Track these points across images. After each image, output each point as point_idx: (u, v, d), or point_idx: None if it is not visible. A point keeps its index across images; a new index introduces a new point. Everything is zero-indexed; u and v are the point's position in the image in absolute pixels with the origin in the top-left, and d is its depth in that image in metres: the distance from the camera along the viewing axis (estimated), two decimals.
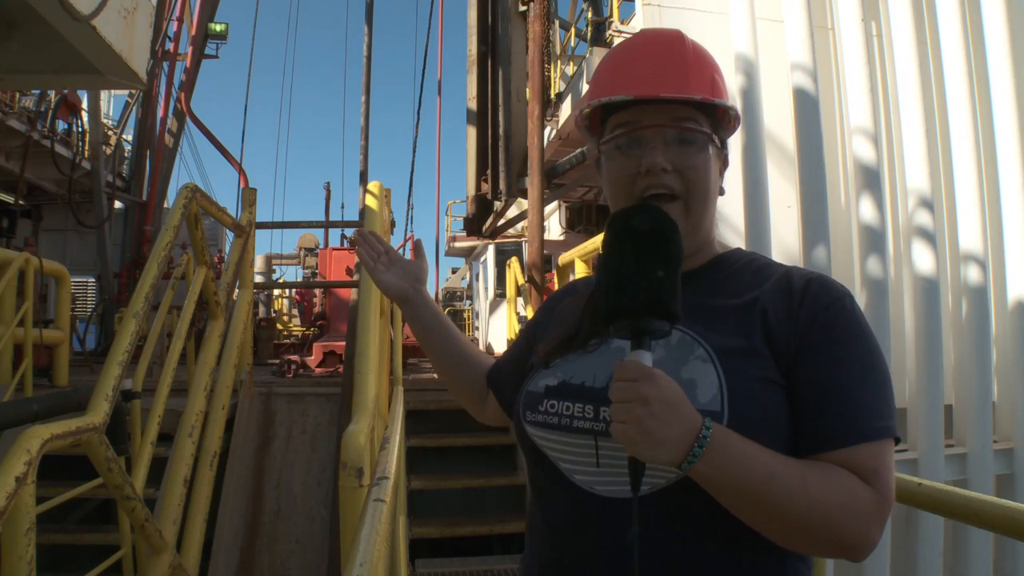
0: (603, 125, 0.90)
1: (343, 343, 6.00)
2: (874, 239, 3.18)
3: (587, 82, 7.06)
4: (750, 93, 3.15)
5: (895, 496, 0.75)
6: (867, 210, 3.18)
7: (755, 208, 3.08)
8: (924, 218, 3.23)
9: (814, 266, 3.07)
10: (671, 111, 0.83)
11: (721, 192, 0.90)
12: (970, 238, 3.35)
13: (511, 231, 9.31)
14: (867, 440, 0.73)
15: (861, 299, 3.21)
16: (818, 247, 3.09)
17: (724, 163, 0.91)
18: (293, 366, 5.68)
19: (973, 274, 3.33)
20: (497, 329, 10.78)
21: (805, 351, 0.77)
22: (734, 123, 0.89)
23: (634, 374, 0.69)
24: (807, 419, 0.76)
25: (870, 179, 3.19)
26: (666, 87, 0.82)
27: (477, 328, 15.21)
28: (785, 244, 3.30)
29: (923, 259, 3.22)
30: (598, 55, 6.88)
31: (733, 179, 3.14)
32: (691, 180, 0.83)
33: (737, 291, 0.84)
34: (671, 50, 0.86)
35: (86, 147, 10.32)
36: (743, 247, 3.15)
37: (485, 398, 1.14)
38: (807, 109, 3.17)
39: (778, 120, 3.34)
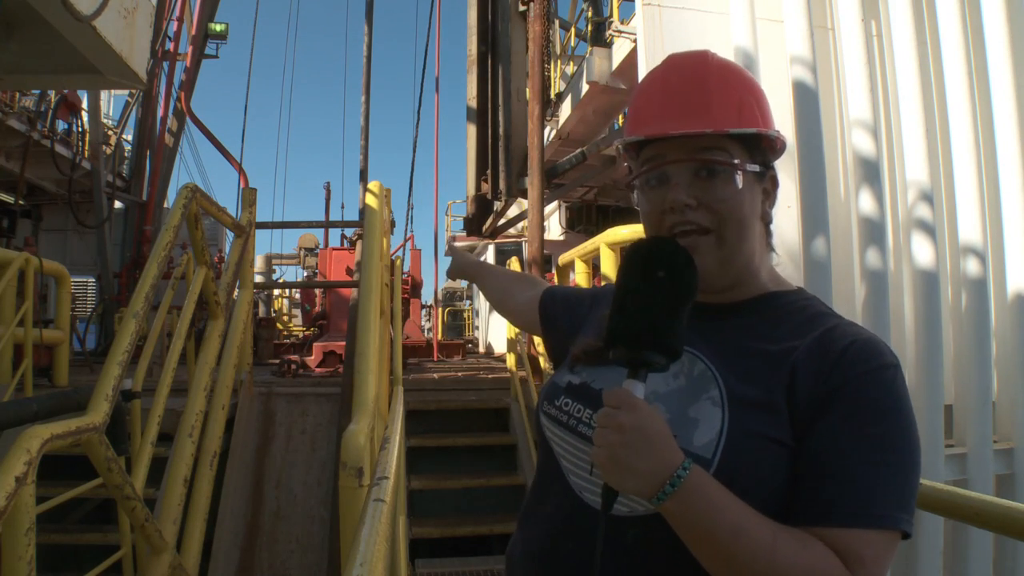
0: (639, 155, 0.88)
1: (343, 343, 6.00)
2: (874, 232, 3.18)
3: (587, 82, 7.06)
4: None
5: None
6: (867, 203, 3.18)
7: None
8: (924, 211, 3.24)
9: (813, 258, 3.07)
10: (695, 143, 0.80)
11: (768, 219, 0.86)
12: (970, 231, 3.35)
13: (511, 231, 9.32)
14: (863, 526, 0.67)
15: (861, 292, 3.21)
16: (818, 240, 3.09)
17: (772, 184, 0.86)
18: (293, 366, 5.68)
19: (973, 267, 3.33)
20: (497, 329, 10.78)
21: (826, 414, 0.72)
22: (777, 143, 0.85)
23: (618, 402, 0.69)
24: (807, 487, 0.71)
25: (870, 173, 3.20)
26: (682, 122, 0.80)
27: (477, 328, 15.20)
28: (785, 238, 3.30)
29: (923, 252, 3.22)
30: (598, 55, 6.88)
31: None
32: (719, 212, 0.80)
33: (777, 337, 0.80)
34: (692, 78, 0.83)
35: (86, 147, 10.32)
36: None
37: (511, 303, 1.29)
38: (807, 103, 3.17)
39: (778, 118, 3.33)
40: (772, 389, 0.75)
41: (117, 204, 10.69)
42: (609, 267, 3.68)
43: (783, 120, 3.34)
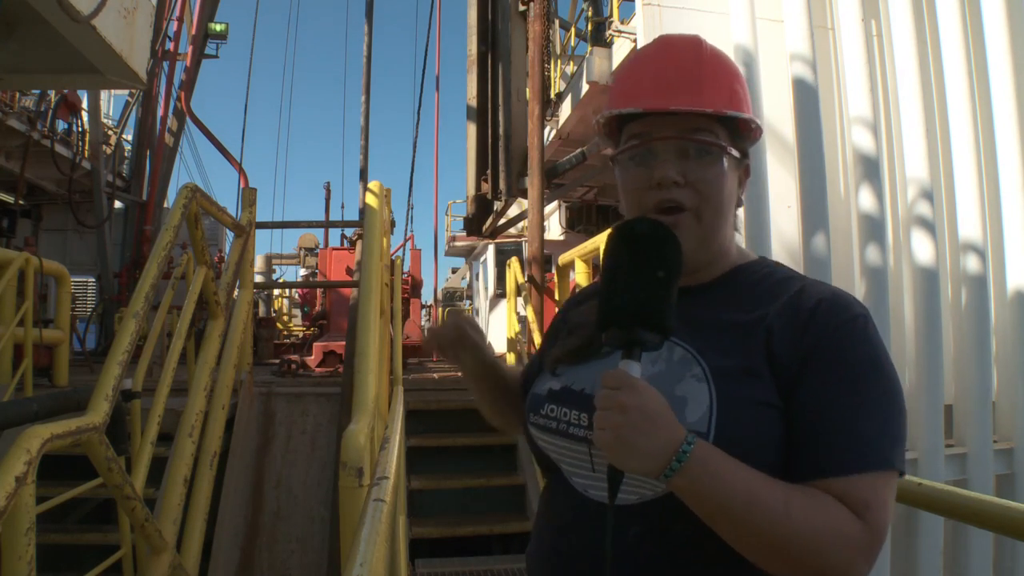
0: (620, 132, 0.89)
1: (343, 343, 6.00)
2: (874, 229, 3.18)
3: (587, 82, 7.05)
4: (749, 86, 3.15)
5: (895, 496, 0.73)
6: (867, 200, 3.18)
7: (754, 199, 3.08)
8: (924, 208, 3.24)
9: (813, 256, 3.07)
10: (684, 122, 0.82)
11: (739, 203, 0.88)
12: (970, 228, 3.35)
13: (511, 231, 9.31)
14: (861, 471, 0.70)
15: (860, 289, 3.21)
16: (818, 237, 3.09)
17: (745, 173, 0.89)
18: (293, 366, 5.68)
19: (973, 264, 3.33)
20: (496, 329, 10.77)
21: (807, 373, 0.75)
22: (756, 132, 0.87)
23: (617, 383, 0.69)
24: (802, 444, 0.74)
25: (870, 170, 3.20)
26: (678, 99, 0.81)
27: None
28: (784, 234, 3.30)
29: (923, 249, 3.22)
30: (598, 55, 6.88)
31: None
32: (703, 193, 0.82)
33: (748, 306, 0.82)
34: (687, 59, 0.84)
35: (86, 147, 10.32)
36: (743, 238, 3.17)
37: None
38: (807, 101, 3.17)
39: (779, 116, 3.34)
40: (752, 356, 0.77)
41: (117, 204, 10.69)
42: None
43: (783, 118, 3.34)
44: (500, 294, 10.33)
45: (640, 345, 0.71)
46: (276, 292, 16.62)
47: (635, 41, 5.76)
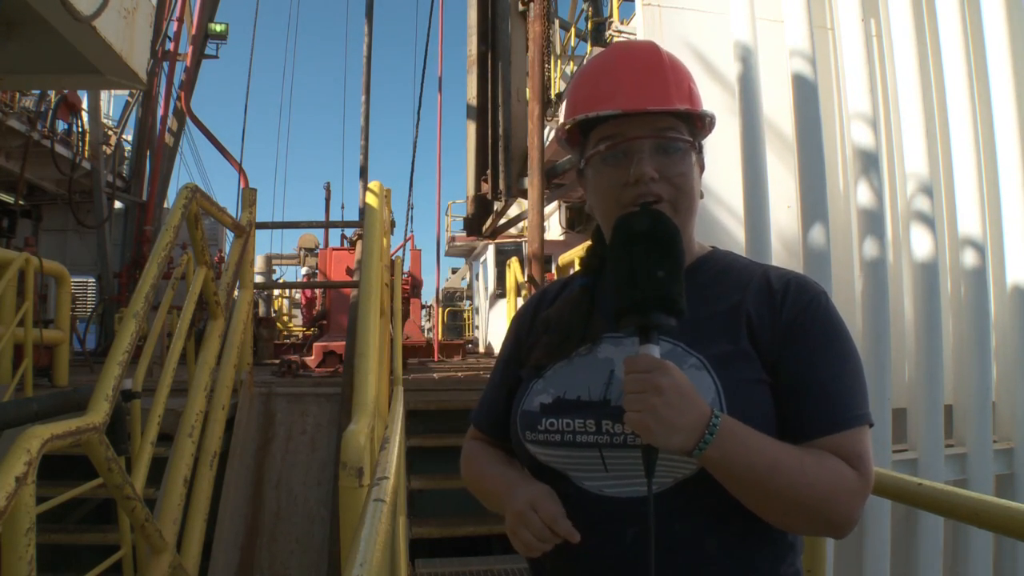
0: (584, 138, 0.93)
1: (343, 343, 6.00)
2: (873, 224, 3.18)
3: None
4: (749, 87, 3.15)
5: (895, 496, 0.77)
6: (866, 195, 3.19)
7: (754, 196, 3.08)
8: (923, 203, 3.25)
9: (812, 250, 3.09)
10: (654, 122, 0.86)
11: (700, 195, 0.93)
12: (969, 223, 3.36)
13: (511, 231, 9.31)
14: (850, 427, 0.80)
15: (860, 284, 3.22)
16: (817, 232, 3.09)
17: (701, 167, 0.93)
18: (293, 366, 5.67)
19: (972, 259, 3.34)
20: (497, 329, 10.77)
21: (788, 348, 0.83)
22: (709, 128, 0.92)
23: (647, 366, 0.73)
24: (794, 410, 0.82)
25: (869, 165, 3.20)
26: (651, 100, 0.85)
27: (477, 327, 15.21)
28: (783, 229, 3.30)
29: (922, 244, 3.23)
30: None
31: (732, 167, 3.15)
32: (678, 186, 0.87)
33: (722, 295, 0.89)
34: (650, 62, 0.89)
35: (86, 147, 10.32)
36: (743, 233, 3.17)
37: None
38: (806, 98, 3.17)
39: (779, 114, 3.34)
40: (737, 339, 0.84)
41: (117, 204, 10.69)
42: None
43: (783, 117, 3.34)
44: (500, 294, 10.33)
45: (658, 329, 0.75)
46: (276, 292, 16.62)
47: None
